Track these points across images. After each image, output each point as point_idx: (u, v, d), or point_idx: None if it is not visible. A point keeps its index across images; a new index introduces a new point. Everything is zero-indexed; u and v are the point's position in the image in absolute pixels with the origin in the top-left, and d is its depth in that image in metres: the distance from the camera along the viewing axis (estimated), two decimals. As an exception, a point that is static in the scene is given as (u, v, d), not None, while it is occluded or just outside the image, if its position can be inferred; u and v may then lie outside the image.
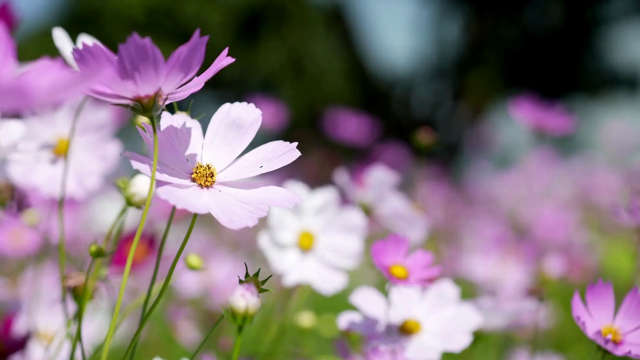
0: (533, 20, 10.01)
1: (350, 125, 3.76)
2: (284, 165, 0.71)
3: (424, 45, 10.49)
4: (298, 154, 0.72)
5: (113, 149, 1.10)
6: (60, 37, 0.90)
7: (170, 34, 8.31)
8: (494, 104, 9.65)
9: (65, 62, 0.86)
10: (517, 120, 1.94)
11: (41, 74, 0.53)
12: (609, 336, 0.83)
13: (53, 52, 0.85)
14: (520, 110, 1.91)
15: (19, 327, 1.07)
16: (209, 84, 0.71)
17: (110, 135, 1.11)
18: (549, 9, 9.96)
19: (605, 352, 0.84)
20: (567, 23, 9.78)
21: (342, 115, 3.82)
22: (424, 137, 1.75)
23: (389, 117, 8.88)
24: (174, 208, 0.76)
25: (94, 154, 1.10)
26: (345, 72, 9.92)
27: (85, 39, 0.92)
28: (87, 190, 1.09)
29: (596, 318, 0.85)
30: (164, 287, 0.73)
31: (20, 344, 1.02)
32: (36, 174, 1.07)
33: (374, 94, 9.84)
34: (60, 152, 1.09)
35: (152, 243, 1.49)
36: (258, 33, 9.39)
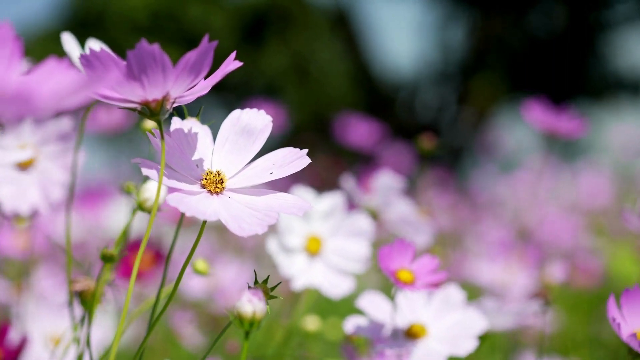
0: (537, 25, 10.01)
1: (358, 130, 3.77)
2: (294, 172, 0.71)
3: (428, 49, 10.50)
4: (308, 161, 0.72)
5: (78, 159, 1.08)
6: (68, 41, 0.89)
7: (174, 37, 8.31)
8: (499, 108, 9.65)
9: (72, 65, 0.85)
10: (529, 123, 1.93)
11: (46, 77, 0.52)
12: None
13: (56, 56, 0.85)
14: (532, 113, 1.90)
15: (15, 334, 1.06)
16: (212, 88, 0.71)
17: (74, 144, 1.09)
18: (554, 14, 9.96)
19: (637, 355, 0.84)
20: (571, 27, 9.78)
21: (351, 119, 3.82)
22: (426, 142, 1.76)
23: (393, 121, 8.88)
24: (182, 214, 0.76)
25: (58, 164, 1.08)
26: (349, 76, 9.92)
27: (93, 44, 0.92)
28: (52, 202, 1.07)
29: (629, 322, 0.86)
30: (172, 293, 0.73)
31: (16, 352, 1.01)
32: (0, 188, 1.05)
33: (379, 97, 9.84)
34: (25, 163, 1.07)
35: (159, 254, 1.49)
36: (262, 37, 9.39)
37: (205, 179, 0.71)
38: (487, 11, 9.86)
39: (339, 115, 4.01)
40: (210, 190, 0.71)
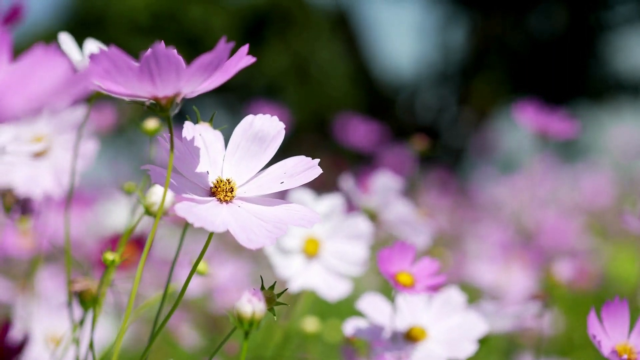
0: (538, 26, 10.01)
1: (358, 131, 3.77)
2: (305, 182, 0.70)
3: (428, 50, 10.50)
4: (320, 171, 0.70)
5: (90, 148, 1.10)
6: (65, 42, 0.88)
7: (174, 37, 8.31)
8: (499, 109, 9.65)
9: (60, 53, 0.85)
10: (521, 125, 1.95)
11: (28, 74, 0.49)
12: (625, 356, 0.83)
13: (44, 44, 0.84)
14: (524, 115, 1.91)
15: (16, 332, 1.06)
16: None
17: (88, 133, 1.10)
18: (554, 15, 9.95)
19: None
20: (571, 29, 9.78)
21: (351, 120, 3.82)
22: (418, 143, 1.76)
23: (393, 122, 8.87)
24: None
25: (71, 153, 1.09)
26: (350, 77, 9.91)
27: (95, 44, 0.92)
28: (64, 189, 1.09)
29: (611, 335, 0.85)
30: (177, 301, 0.72)
31: (16, 351, 1.01)
32: (15, 173, 1.07)
33: (379, 98, 9.84)
34: (40, 151, 1.09)
35: (140, 244, 1.49)
36: (263, 37, 9.39)
37: (216, 187, 0.70)
38: (488, 12, 9.86)
39: (338, 116, 4.01)
40: (219, 198, 0.70)
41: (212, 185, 0.71)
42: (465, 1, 10.06)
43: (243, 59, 0.68)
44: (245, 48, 0.67)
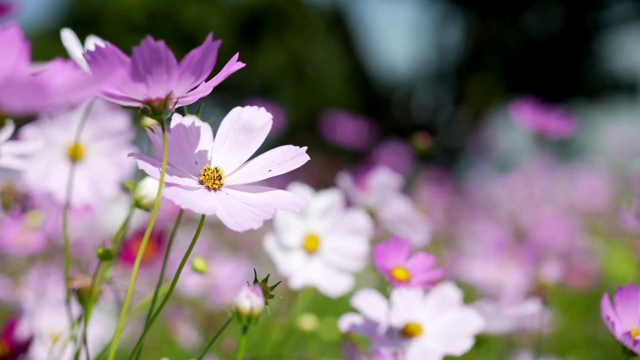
0: (534, 26, 10.02)
1: (348, 129, 3.78)
2: (292, 169, 0.71)
3: (424, 50, 10.50)
4: (307, 158, 0.71)
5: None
6: (68, 38, 0.89)
7: (170, 36, 8.30)
8: (495, 108, 9.66)
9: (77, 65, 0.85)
10: (518, 124, 1.95)
11: (56, 74, 0.53)
12: (638, 337, 0.84)
13: (53, 54, 0.85)
14: (521, 114, 1.91)
15: (22, 329, 1.07)
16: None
17: (127, 142, 1.11)
18: (550, 15, 9.97)
19: (631, 354, 0.84)
20: (567, 28, 9.79)
21: (340, 118, 3.83)
22: (420, 141, 1.76)
23: (389, 121, 8.88)
24: (181, 210, 0.76)
25: (109, 161, 1.10)
26: (346, 76, 9.92)
27: (95, 41, 0.92)
28: (103, 197, 1.09)
29: (623, 320, 0.86)
30: (169, 292, 0.73)
31: (24, 347, 1.02)
32: (52, 179, 1.07)
33: (375, 98, 9.84)
34: (75, 157, 1.09)
35: (160, 240, 1.49)
36: (259, 36, 9.39)
37: (204, 175, 0.71)
38: (483, 12, 9.87)
39: (327, 114, 4.03)
40: (208, 186, 0.71)
41: (200, 173, 0.72)
42: (461, 1, 10.07)
43: (234, 64, 0.69)
44: (236, 55, 0.69)
